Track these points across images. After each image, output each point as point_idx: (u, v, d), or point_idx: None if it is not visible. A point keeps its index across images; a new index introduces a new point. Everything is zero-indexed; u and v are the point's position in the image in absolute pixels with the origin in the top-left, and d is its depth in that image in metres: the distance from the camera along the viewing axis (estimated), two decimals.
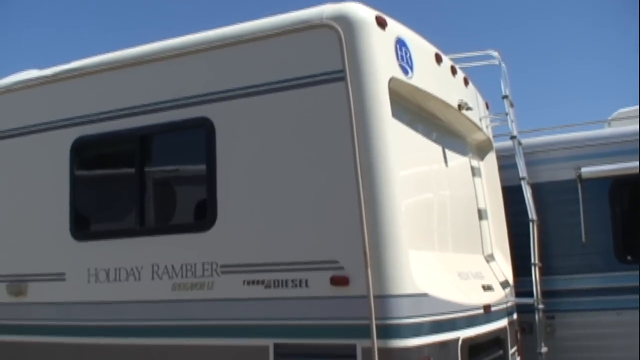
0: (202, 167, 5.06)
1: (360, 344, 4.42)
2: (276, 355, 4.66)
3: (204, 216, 5.04)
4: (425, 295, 4.60)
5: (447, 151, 5.78)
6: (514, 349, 6.11)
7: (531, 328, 6.61)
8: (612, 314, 6.86)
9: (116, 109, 5.43)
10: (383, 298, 4.41)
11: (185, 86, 5.18)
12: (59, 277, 5.55)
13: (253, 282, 4.78)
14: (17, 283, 5.75)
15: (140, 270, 5.19)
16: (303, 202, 4.72)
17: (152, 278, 5.13)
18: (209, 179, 4.99)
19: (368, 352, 4.37)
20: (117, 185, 5.65)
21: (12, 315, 5.79)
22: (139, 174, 5.33)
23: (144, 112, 5.30)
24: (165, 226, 5.33)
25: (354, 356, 4.43)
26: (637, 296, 6.68)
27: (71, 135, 5.62)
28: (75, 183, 5.58)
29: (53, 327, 5.55)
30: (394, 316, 4.40)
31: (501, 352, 5.76)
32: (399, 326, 4.41)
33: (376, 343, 4.34)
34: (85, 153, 5.69)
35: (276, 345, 4.67)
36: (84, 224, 5.63)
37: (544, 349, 6.41)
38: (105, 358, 5.29)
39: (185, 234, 5.11)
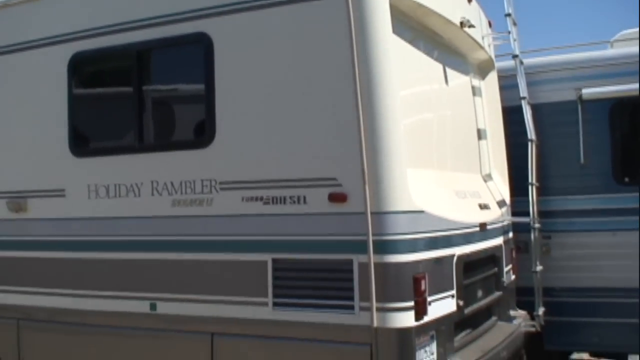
0: (201, 83, 5.02)
1: (357, 259, 4.48)
2: (274, 270, 4.73)
3: (202, 133, 5.03)
4: (422, 212, 4.64)
5: (448, 70, 5.73)
6: (509, 267, 6.20)
7: (526, 247, 6.70)
8: (607, 234, 6.94)
9: (113, 23, 5.35)
10: (380, 214, 4.44)
11: (183, 0, 5.10)
12: (59, 193, 5.58)
13: (252, 199, 4.81)
14: (17, 199, 5.79)
15: (139, 186, 5.22)
16: (302, 119, 4.71)
17: (152, 194, 5.16)
18: (208, 95, 4.96)
19: (364, 267, 4.44)
20: (115, 101, 5.62)
21: (12, 231, 5.85)
22: (137, 90, 5.29)
23: (141, 27, 5.22)
24: (163, 143, 5.32)
25: (351, 271, 4.50)
26: (633, 217, 6.74)
27: (68, 50, 5.56)
28: (74, 99, 5.55)
29: (53, 243, 5.61)
30: (391, 232, 4.45)
31: (496, 269, 5.85)
32: (395, 242, 4.46)
33: (372, 258, 4.40)
34: (83, 69, 5.64)
35: (274, 260, 4.73)
36: (83, 141, 5.63)
37: (538, 268, 6.51)
38: (105, 272, 5.37)
39: (184, 151, 5.12)
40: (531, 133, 6.53)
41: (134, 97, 5.29)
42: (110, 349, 5.35)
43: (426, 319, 4.56)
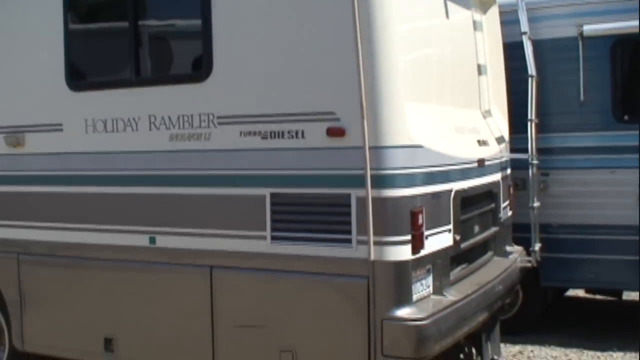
0: (198, 15, 4.93)
1: (354, 193, 4.49)
2: (272, 204, 4.74)
3: (199, 66, 4.99)
4: (420, 147, 4.63)
5: (449, 3, 5.63)
6: (506, 203, 6.22)
7: (524, 184, 6.72)
8: (605, 172, 6.97)
9: None
10: (378, 149, 4.44)
11: None
12: (57, 127, 5.56)
13: (249, 133, 4.79)
14: (15, 134, 5.77)
15: (137, 121, 5.19)
16: (300, 54, 4.66)
17: (150, 129, 5.14)
18: (205, 28, 4.89)
19: (362, 201, 4.45)
20: (112, 34, 5.55)
21: (11, 166, 5.85)
22: (134, 23, 5.21)
23: None
24: (161, 76, 5.28)
25: (349, 205, 4.51)
26: (632, 155, 6.75)
27: None
28: (70, 32, 5.48)
29: (51, 177, 5.62)
30: (389, 167, 4.45)
31: (493, 205, 5.87)
32: (393, 176, 4.46)
33: (370, 192, 4.41)
34: (79, 1, 5.56)
35: (272, 195, 4.74)
36: (80, 75, 5.58)
37: (536, 204, 6.54)
38: (104, 206, 5.39)
39: (181, 85, 5.07)
40: (532, 69, 6.49)
41: (131, 30, 5.22)
42: (110, 283, 5.40)
43: (423, 252, 4.59)
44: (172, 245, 5.10)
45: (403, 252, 4.48)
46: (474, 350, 5.67)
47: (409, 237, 4.49)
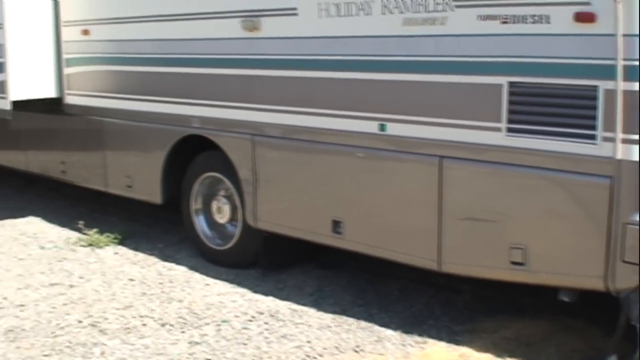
0: None
1: (602, 85, 4.12)
2: (510, 94, 4.48)
3: None
4: None
5: None
6: None
7: None
8: None
9: None
10: (632, 37, 4.01)
11: None
12: (291, 12, 5.59)
13: (489, 17, 4.52)
14: (251, 19, 5.88)
15: (370, 4, 5.07)
16: None
17: (383, 13, 5.01)
18: None
19: (611, 94, 4.08)
20: None
21: (247, 50, 5.99)
22: None
23: None
24: None
25: (595, 98, 4.16)
26: None
27: None
28: None
29: (285, 61, 5.69)
30: None
31: None
32: None
33: (622, 85, 4.03)
34: None
35: (511, 84, 4.48)
36: None
37: None
38: (335, 91, 5.40)
39: None
40: None
41: None
42: (339, 167, 5.47)
43: None
44: (402, 133, 5.03)
45: None
46: None
47: None
